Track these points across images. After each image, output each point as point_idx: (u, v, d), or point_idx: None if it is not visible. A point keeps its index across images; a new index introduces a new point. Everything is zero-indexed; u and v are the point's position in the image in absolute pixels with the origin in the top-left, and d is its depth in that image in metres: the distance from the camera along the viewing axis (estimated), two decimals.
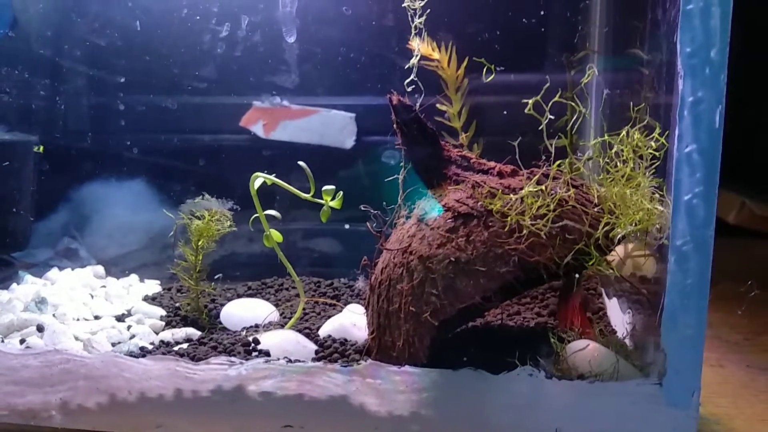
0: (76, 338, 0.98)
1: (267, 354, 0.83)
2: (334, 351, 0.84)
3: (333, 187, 0.88)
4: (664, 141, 0.72)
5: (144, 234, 1.57)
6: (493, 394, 0.73)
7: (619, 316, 0.97)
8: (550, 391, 0.72)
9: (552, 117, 0.76)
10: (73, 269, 1.32)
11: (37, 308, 1.07)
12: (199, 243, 1.09)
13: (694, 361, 0.71)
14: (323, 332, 0.91)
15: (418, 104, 0.88)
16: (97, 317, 1.09)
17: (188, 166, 1.58)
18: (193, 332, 1.02)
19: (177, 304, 1.14)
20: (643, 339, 0.81)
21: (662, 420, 0.71)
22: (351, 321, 0.92)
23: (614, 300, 1.02)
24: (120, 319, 1.09)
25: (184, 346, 0.95)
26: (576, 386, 0.72)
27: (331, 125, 1.49)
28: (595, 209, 0.74)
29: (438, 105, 1.17)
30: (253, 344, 0.85)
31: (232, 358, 0.78)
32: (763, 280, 0.81)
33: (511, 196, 0.76)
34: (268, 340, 0.86)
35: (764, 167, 1.84)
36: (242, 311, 1.07)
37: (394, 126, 0.89)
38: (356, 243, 1.53)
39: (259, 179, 0.92)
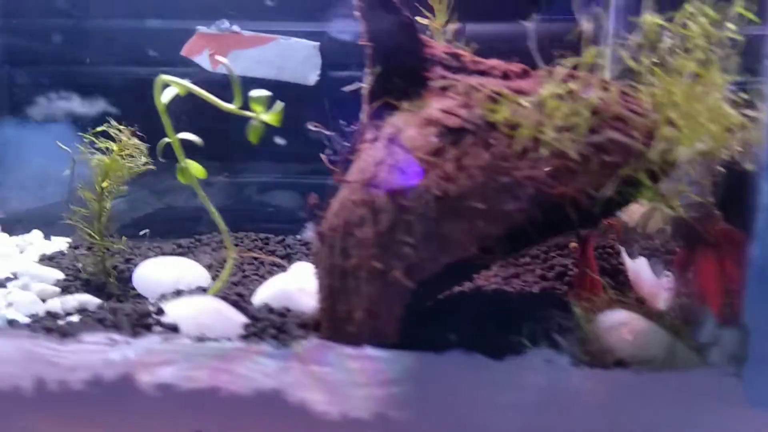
0: None
1: (174, 330, 0.59)
2: (269, 325, 0.60)
3: (266, 92, 0.63)
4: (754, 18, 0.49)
5: (63, 185, 1.32)
6: (495, 389, 0.50)
7: (649, 281, 0.75)
8: (576, 384, 0.49)
9: None
10: None
11: None
12: (104, 184, 0.84)
13: None
14: (258, 300, 0.67)
15: None
16: None
17: (121, 105, 1.32)
18: (89, 300, 0.77)
19: (78, 265, 0.89)
20: (697, 310, 0.59)
21: (740, 427, 0.49)
22: (297, 285, 0.68)
23: (641, 261, 0.80)
24: (2, 284, 0.84)
25: (75, 318, 0.71)
26: (615, 377, 0.49)
27: (291, 56, 1.23)
28: (648, 119, 0.51)
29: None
30: (155, 315, 0.61)
31: (115, 335, 0.54)
32: None
33: (523, 100, 0.52)
34: (178, 310, 0.62)
35: None
36: (159, 273, 0.83)
37: (356, 11, 0.64)
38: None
39: (169, 90, 0.67)
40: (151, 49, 1.28)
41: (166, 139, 0.70)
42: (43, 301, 0.79)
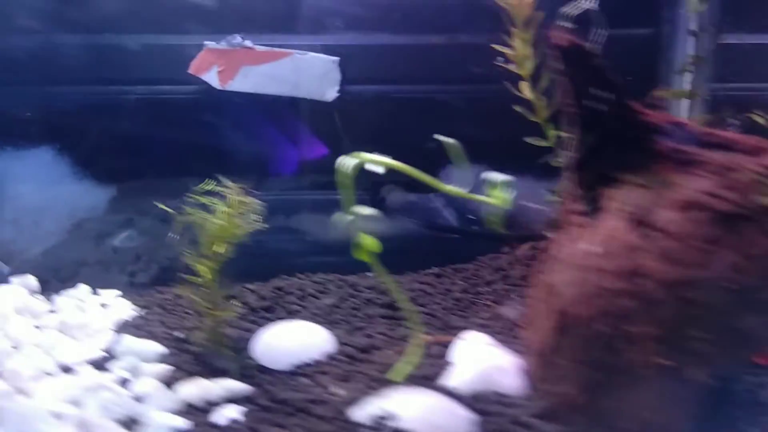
0: (56, 416, 0.62)
1: None
2: (504, 419, 0.56)
3: (502, 176, 0.58)
4: None
5: (66, 219, 1.18)
6: None
7: None
8: None
9: None
10: None
11: None
12: (216, 248, 0.75)
13: None
14: (463, 383, 0.62)
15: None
16: (66, 369, 0.73)
17: (115, 128, 1.20)
18: (234, 386, 0.68)
19: (178, 334, 0.79)
20: None
21: None
22: (493, 363, 0.64)
23: None
24: (99, 366, 0.74)
25: (233, 413, 0.63)
26: None
27: (308, 71, 1.16)
28: None
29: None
30: (385, 421, 0.55)
31: None
32: None
33: None
34: (403, 408, 0.56)
35: None
36: (287, 341, 0.76)
37: (564, 77, 0.60)
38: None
39: (350, 162, 0.60)
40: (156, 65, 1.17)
41: (347, 215, 0.63)
42: (168, 386, 0.70)
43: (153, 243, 1.16)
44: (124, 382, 0.70)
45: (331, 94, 1.17)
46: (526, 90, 0.91)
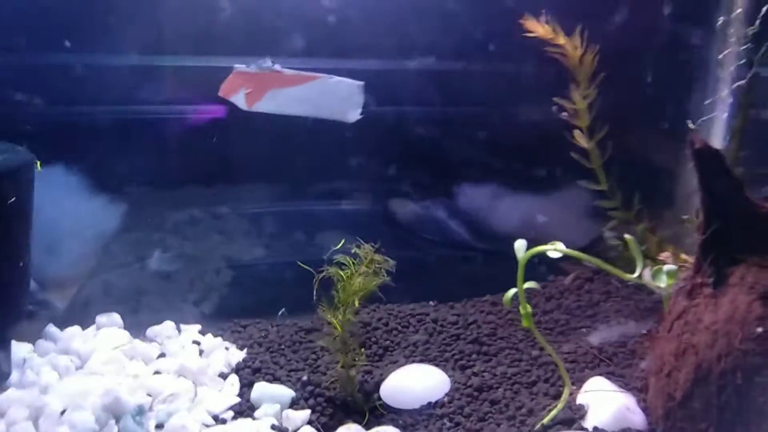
0: None
1: None
2: None
3: (671, 266, 0.68)
4: None
5: (94, 241, 1.17)
6: None
7: None
8: None
9: None
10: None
11: (136, 424, 0.71)
12: (352, 301, 0.81)
13: None
14: (602, 423, 0.73)
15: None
16: (219, 419, 0.76)
17: (135, 147, 1.21)
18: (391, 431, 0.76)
19: (304, 377, 0.84)
20: None
21: None
22: (621, 404, 0.76)
23: None
24: (245, 413, 0.78)
25: None
26: None
27: (332, 94, 1.22)
28: None
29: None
30: None
31: None
32: None
33: None
34: None
35: None
36: (414, 383, 0.83)
37: (696, 173, 0.72)
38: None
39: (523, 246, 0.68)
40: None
41: (514, 290, 0.71)
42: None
43: (191, 264, 1.18)
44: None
45: (353, 116, 1.22)
46: (581, 139, 1.03)
